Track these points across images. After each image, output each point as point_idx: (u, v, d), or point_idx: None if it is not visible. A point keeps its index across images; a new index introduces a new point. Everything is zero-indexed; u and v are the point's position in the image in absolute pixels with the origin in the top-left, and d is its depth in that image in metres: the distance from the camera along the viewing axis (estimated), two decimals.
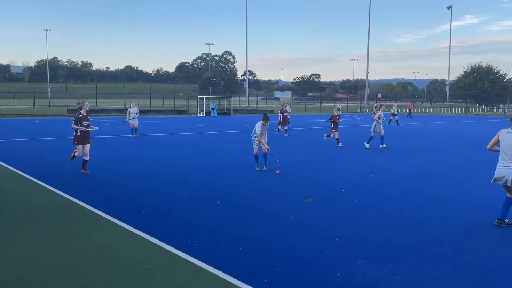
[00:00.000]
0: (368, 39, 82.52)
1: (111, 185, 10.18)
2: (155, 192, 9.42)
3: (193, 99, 61.54)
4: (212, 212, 7.84)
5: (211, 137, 23.15)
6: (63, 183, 10.14)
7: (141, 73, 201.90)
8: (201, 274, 5.07)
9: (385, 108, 19.07)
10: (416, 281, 4.92)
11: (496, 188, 10.14)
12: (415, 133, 27.71)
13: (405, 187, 10.15)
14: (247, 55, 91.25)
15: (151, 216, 7.56)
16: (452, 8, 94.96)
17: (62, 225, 6.94)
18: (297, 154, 16.19)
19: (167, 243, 6.06)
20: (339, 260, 5.55)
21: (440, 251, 5.88)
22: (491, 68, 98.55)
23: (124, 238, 6.36)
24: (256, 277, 4.99)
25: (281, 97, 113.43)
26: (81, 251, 5.79)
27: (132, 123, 22.09)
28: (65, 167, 12.48)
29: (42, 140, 20.60)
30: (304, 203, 8.51)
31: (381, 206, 8.28)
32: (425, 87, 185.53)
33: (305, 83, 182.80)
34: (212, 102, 55.98)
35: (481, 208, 8.26)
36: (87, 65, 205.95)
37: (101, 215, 7.57)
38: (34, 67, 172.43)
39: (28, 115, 46.13)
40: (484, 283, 4.91)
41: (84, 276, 4.97)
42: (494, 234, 6.68)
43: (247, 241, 6.25)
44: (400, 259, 5.58)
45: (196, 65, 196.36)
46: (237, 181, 10.71)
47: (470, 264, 5.44)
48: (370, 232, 6.73)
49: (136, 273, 5.06)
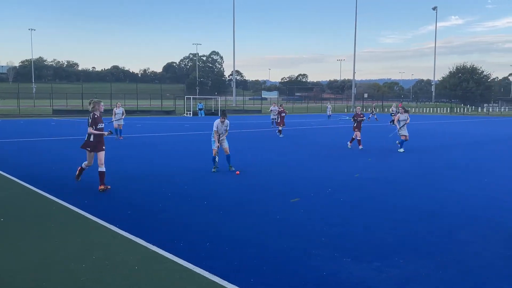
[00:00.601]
0: (354, 40, 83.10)
1: (95, 186, 10.08)
2: (141, 193, 9.35)
3: (180, 99, 61.32)
4: (199, 212, 7.82)
5: (198, 138, 23.08)
6: (48, 184, 10.02)
7: (127, 73, 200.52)
8: (187, 274, 5.04)
9: (403, 109, 17.36)
10: (401, 279, 4.96)
11: (490, 188, 10.29)
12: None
13: (391, 186, 10.23)
14: (234, 55, 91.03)
15: (137, 217, 7.50)
16: (437, 9, 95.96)
17: (46, 227, 6.85)
18: (283, 154, 16.24)
19: (154, 244, 6.02)
20: (325, 259, 5.57)
21: (425, 249, 5.94)
22: (476, 69, 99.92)
23: (110, 239, 6.30)
24: (242, 277, 4.98)
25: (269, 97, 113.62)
26: (65, 252, 5.73)
27: (118, 123, 21.75)
28: (50, 168, 12.35)
29: (27, 141, 20.33)
30: (291, 202, 8.53)
31: (367, 205, 8.33)
32: (411, 87, 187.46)
33: (292, 83, 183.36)
34: (199, 102, 55.84)
35: (468, 207, 8.35)
36: (73, 65, 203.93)
37: (86, 216, 7.49)
38: (18, 67, 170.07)
39: (13, 116, 45.51)
40: (468, 280, 4.97)
41: (69, 278, 4.91)
42: (479, 232, 6.76)
43: (234, 241, 6.24)
44: (385, 257, 5.62)
45: (183, 65, 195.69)
46: (224, 181, 10.69)
47: (454, 262, 5.50)
48: (356, 231, 6.77)
49: (122, 274, 5.02)
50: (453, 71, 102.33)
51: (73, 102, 63.37)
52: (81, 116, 46.41)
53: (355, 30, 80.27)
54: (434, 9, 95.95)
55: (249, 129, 30.04)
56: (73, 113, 50.03)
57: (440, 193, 9.49)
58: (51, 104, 55.38)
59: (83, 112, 49.24)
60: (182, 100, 58.16)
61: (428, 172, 12.35)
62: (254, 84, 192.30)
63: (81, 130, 26.22)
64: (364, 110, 45.86)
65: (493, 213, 7.86)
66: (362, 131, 18.07)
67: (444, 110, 75.07)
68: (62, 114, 49.32)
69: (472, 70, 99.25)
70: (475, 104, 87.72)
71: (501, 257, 5.69)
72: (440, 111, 74.25)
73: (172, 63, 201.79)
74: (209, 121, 39.36)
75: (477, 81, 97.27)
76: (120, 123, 21.89)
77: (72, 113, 50.08)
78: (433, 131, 29.42)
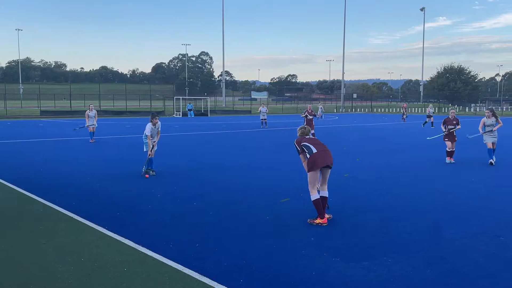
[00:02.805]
0: (343, 40, 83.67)
1: (83, 188, 10.02)
2: (129, 194, 9.31)
3: (169, 100, 61.03)
4: (188, 213, 7.80)
5: (187, 138, 23.03)
6: (35, 186, 9.93)
7: (116, 73, 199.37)
8: (176, 275, 5.04)
9: (491, 112, 13.50)
10: (389, 278, 5.00)
11: (474, 187, 10.40)
12: (406, 133, 28.11)
13: (380, 186, 10.30)
14: (224, 55, 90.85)
15: (125, 218, 7.47)
16: (425, 10, 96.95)
17: (33, 229, 6.79)
18: (274, 154, 16.26)
19: (142, 245, 6.00)
20: (314, 258, 5.60)
21: (412, 248, 5.99)
22: (463, 69, 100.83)
23: (98, 241, 6.26)
24: (232, 277, 4.99)
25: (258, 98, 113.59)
26: (53, 254, 5.69)
27: (93, 127, 20.71)
28: (38, 170, 12.24)
29: (15, 143, 20.12)
30: (280, 203, 8.55)
31: (355, 205, 8.39)
32: (399, 87, 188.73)
33: (282, 83, 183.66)
34: (188, 103, 55.69)
35: (457, 206, 8.43)
36: (60, 65, 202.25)
37: (74, 217, 7.44)
38: (5, 68, 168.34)
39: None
40: (454, 279, 5.02)
41: (56, 280, 4.88)
42: (465, 230, 6.84)
43: (223, 241, 6.24)
44: (374, 256, 5.66)
45: (172, 65, 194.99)
46: (213, 181, 10.67)
47: (441, 260, 5.56)
48: (344, 230, 6.81)
49: (110, 276, 5.00)
50: (441, 71, 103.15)
51: (61, 103, 62.86)
52: (69, 117, 46.04)
53: (344, 30, 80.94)
54: (422, 10, 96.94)
55: (240, 129, 30.05)
56: (61, 114, 49.61)
57: (427, 192, 9.57)
58: (39, 105, 54.77)
59: (71, 113, 48.86)
60: (172, 101, 57.96)
61: (416, 170, 12.44)
62: (243, 84, 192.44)
63: (69, 132, 26.02)
64: (404, 111, 42.79)
65: (479, 212, 7.95)
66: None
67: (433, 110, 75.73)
68: (50, 115, 48.87)
69: (459, 71, 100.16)
70: (462, 104, 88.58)
71: (485, 254, 5.77)
72: None
73: (161, 64, 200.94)
74: (199, 122, 39.47)
75: (465, 81, 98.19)
76: (95, 125, 20.83)
77: (60, 114, 49.66)
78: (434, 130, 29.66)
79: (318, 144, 7.42)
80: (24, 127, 31.59)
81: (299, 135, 7.71)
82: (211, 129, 30.57)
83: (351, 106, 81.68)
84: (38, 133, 25.67)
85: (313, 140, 7.55)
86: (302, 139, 7.52)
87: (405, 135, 26.48)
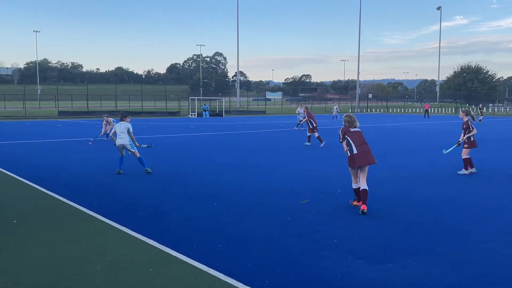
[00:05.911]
0: (359, 40, 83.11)
1: (104, 188, 10.12)
2: (151, 194, 9.38)
3: (184, 100, 61.39)
4: (210, 213, 7.83)
5: (203, 138, 23.12)
6: (59, 187, 10.06)
7: (131, 74, 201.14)
8: (201, 276, 5.06)
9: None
10: (415, 281, 4.95)
11: (492, 189, 10.25)
12: (431, 134, 27.84)
13: (402, 188, 10.21)
14: (238, 56, 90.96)
15: (148, 218, 7.53)
16: (442, 9, 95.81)
17: (59, 229, 6.89)
18: (289, 155, 16.23)
19: (166, 245, 6.05)
20: (338, 260, 5.57)
21: (438, 251, 5.92)
22: (480, 68, 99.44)
23: (122, 241, 6.33)
24: (257, 279, 4.99)
25: (272, 98, 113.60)
26: (79, 255, 5.76)
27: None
28: (61, 170, 12.40)
29: (34, 143, 20.43)
30: (301, 204, 8.53)
31: (378, 207, 8.32)
32: (415, 87, 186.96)
33: (296, 83, 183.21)
34: (204, 104, 55.92)
35: (478, 208, 8.33)
36: (77, 66, 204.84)
37: (98, 218, 7.53)
38: (23, 69, 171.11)
39: (18, 117, 45.73)
40: (481, 282, 4.96)
41: (84, 280, 4.94)
42: (490, 233, 6.74)
43: (246, 242, 6.25)
44: (399, 259, 5.62)
45: (187, 66, 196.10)
46: (233, 182, 10.70)
47: (467, 263, 5.49)
48: (368, 232, 6.76)
49: (136, 276, 5.04)
50: (457, 71, 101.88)
51: (79, 103, 63.60)
52: (86, 117, 46.58)
53: (359, 30, 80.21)
54: (439, 9, 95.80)
55: (256, 130, 30.07)
56: (78, 115, 50.22)
57: (448, 193, 9.46)
58: (56, 105, 55.56)
59: (89, 114, 49.45)
60: (187, 101, 58.26)
61: (442, 173, 12.29)
62: (257, 84, 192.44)
63: (87, 132, 26.32)
64: (479, 111, 41.51)
65: (502, 214, 7.83)
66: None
67: (449, 110, 74.82)
68: (67, 115, 49.52)
69: (476, 70, 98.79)
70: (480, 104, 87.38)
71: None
72: (445, 111, 74.00)
73: (176, 64, 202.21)
74: (215, 122, 39.58)
75: (482, 81, 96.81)
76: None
77: (78, 115, 50.27)
78: (454, 131, 29.31)
79: (360, 144, 7.89)
80: (43, 127, 32.05)
81: (344, 123, 8.18)
82: (226, 129, 30.64)
83: (366, 106, 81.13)
84: (57, 133, 26.01)
85: (357, 137, 7.98)
86: (347, 131, 8.02)
87: (430, 135, 26.20)
